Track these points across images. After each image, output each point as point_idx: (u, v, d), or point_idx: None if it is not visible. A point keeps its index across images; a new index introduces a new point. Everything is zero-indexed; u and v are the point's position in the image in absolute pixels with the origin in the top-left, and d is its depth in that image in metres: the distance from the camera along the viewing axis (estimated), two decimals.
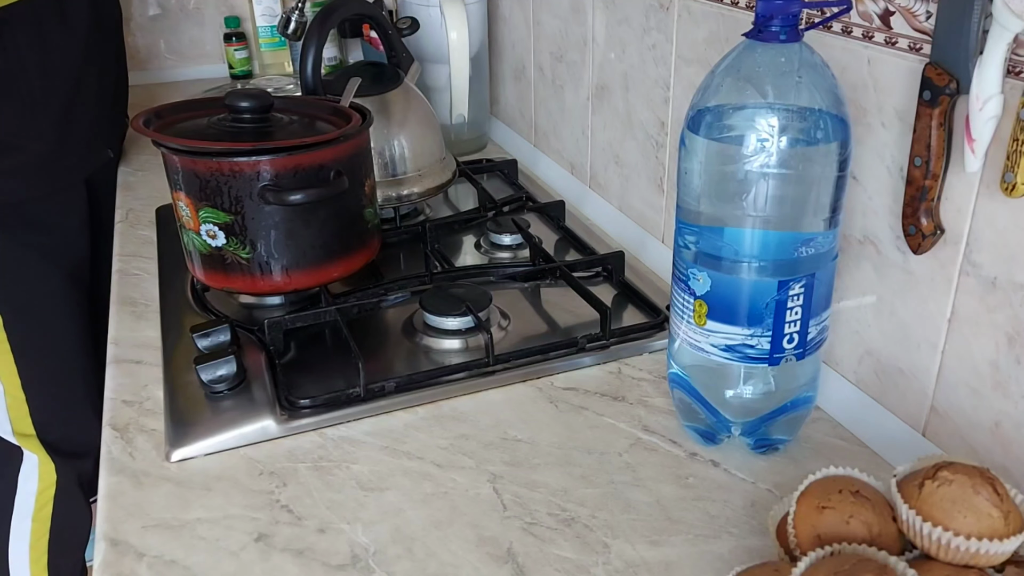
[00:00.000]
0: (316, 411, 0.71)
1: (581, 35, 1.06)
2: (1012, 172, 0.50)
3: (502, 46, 1.35)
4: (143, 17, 1.74)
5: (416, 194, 1.02)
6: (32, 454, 1.27)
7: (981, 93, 0.52)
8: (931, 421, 0.63)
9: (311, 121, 0.86)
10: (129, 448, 0.68)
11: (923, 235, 0.58)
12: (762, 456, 0.66)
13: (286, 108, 0.87)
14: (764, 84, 0.56)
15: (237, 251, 0.79)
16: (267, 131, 0.81)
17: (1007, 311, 0.55)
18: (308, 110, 0.88)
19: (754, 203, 0.57)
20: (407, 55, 1.07)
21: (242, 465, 0.66)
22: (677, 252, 0.63)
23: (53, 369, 1.24)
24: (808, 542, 0.49)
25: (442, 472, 0.65)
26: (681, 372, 0.66)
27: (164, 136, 0.78)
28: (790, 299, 0.59)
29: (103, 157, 1.26)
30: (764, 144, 0.55)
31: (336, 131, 0.80)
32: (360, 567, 0.57)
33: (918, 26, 0.58)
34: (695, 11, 0.83)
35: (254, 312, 0.87)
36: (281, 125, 0.82)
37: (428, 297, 0.83)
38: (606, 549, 0.58)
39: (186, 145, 0.77)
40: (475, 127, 1.34)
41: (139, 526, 0.60)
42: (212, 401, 0.72)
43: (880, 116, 0.62)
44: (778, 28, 0.56)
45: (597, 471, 0.65)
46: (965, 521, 0.45)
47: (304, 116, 0.86)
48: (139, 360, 0.80)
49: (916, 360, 0.63)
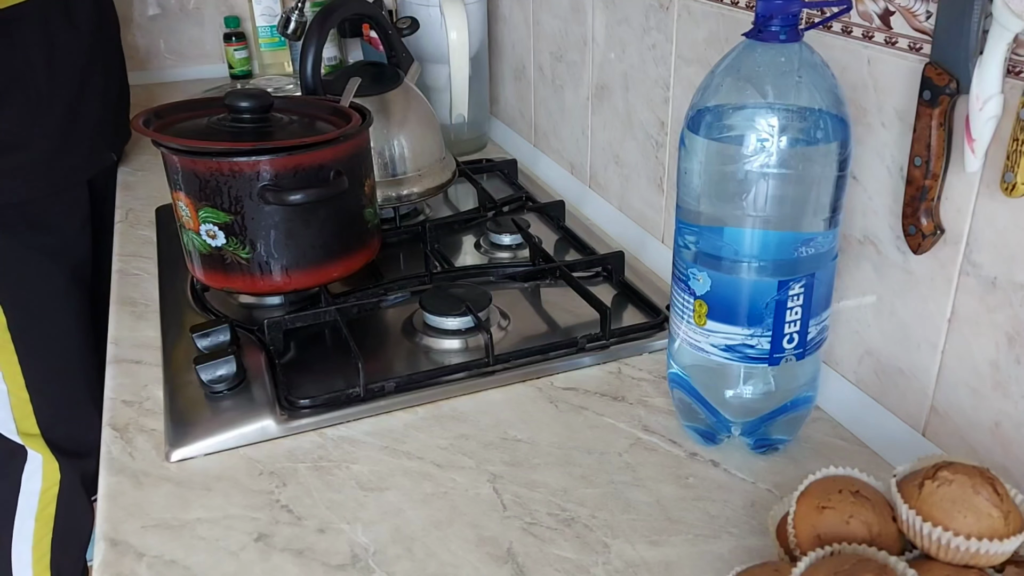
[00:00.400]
0: (316, 411, 0.71)
1: (581, 35, 1.06)
2: (1012, 172, 0.50)
3: (502, 46, 1.35)
4: (143, 17, 1.74)
5: (416, 194, 1.02)
6: (36, 453, 1.27)
7: (981, 93, 0.52)
8: (931, 421, 0.63)
9: (311, 121, 0.86)
10: (129, 448, 0.68)
11: (923, 235, 0.58)
12: (762, 456, 0.66)
13: (286, 108, 0.87)
14: (764, 84, 0.56)
15: (237, 251, 0.79)
16: (267, 131, 0.81)
17: (1007, 311, 0.55)
18: (308, 110, 0.88)
19: (754, 203, 0.57)
20: (407, 55, 1.07)
21: (242, 465, 0.66)
22: (677, 252, 0.63)
23: (57, 368, 1.24)
24: (808, 542, 0.49)
25: (442, 472, 0.65)
26: (681, 372, 0.66)
27: (164, 136, 0.78)
28: (790, 299, 0.59)
29: (106, 160, 1.26)
30: (764, 144, 0.55)
31: (336, 131, 0.80)
32: (360, 567, 0.57)
33: (918, 26, 0.58)
34: (695, 11, 0.83)
35: (254, 312, 0.87)
36: (281, 125, 0.82)
37: (428, 297, 0.83)
38: (606, 549, 0.58)
39: (186, 145, 0.77)
40: (475, 127, 1.34)
41: (139, 526, 0.60)
42: (212, 401, 0.72)
43: (880, 116, 0.62)
44: (778, 28, 0.56)
45: (597, 471, 0.65)
46: (965, 521, 0.45)
47: (304, 116, 0.86)
48: (139, 360, 0.80)
49: (916, 360, 0.63)
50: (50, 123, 1.13)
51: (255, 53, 1.77)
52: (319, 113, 0.87)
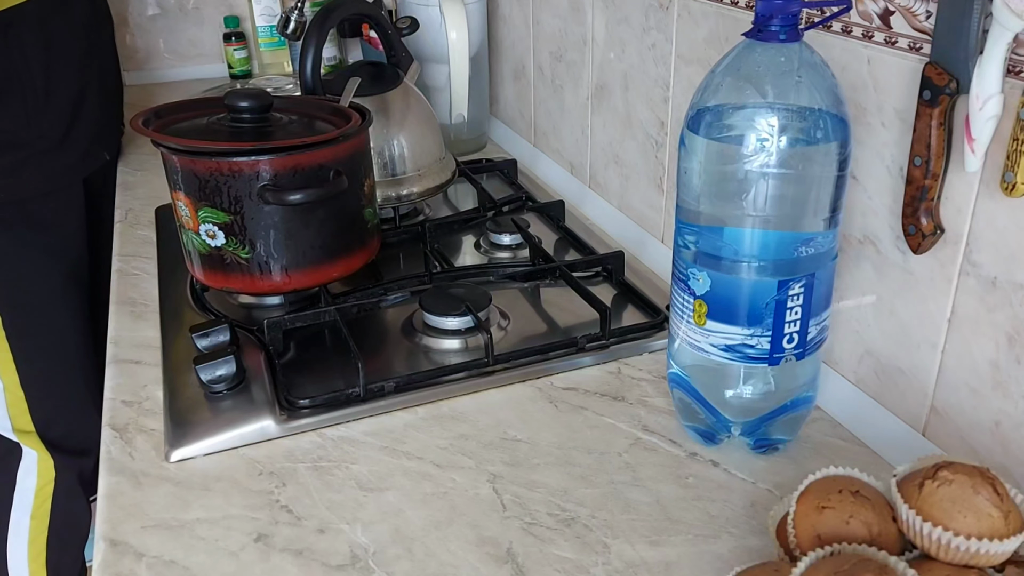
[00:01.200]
0: (315, 411, 0.70)
1: (581, 35, 1.06)
2: (1012, 172, 0.50)
3: (502, 46, 1.35)
4: (142, 17, 1.74)
5: (416, 194, 1.02)
6: (31, 450, 1.27)
7: (981, 93, 0.52)
8: (931, 421, 0.63)
9: (310, 121, 0.86)
10: (128, 448, 0.68)
11: (923, 235, 0.58)
12: (762, 456, 0.66)
13: (285, 108, 0.87)
14: (764, 84, 0.56)
15: (236, 251, 0.79)
16: (266, 131, 0.81)
17: (1007, 311, 0.55)
18: (307, 110, 0.88)
19: (754, 203, 0.57)
20: (407, 55, 1.07)
21: (241, 465, 0.66)
22: (677, 252, 0.63)
23: (53, 367, 1.24)
24: (808, 542, 0.49)
25: (442, 472, 0.65)
26: (681, 372, 0.66)
27: (163, 136, 0.78)
28: (790, 299, 0.59)
29: (101, 159, 1.26)
30: (764, 144, 0.55)
31: (335, 131, 0.80)
32: (359, 567, 0.57)
33: (918, 25, 0.58)
34: (695, 11, 0.83)
35: (254, 312, 0.86)
36: (280, 125, 0.82)
37: (428, 297, 0.83)
38: (606, 549, 0.58)
39: (185, 145, 0.77)
40: (475, 127, 1.34)
41: (138, 526, 0.60)
42: (211, 401, 0.72)
43: (880, 116, 0.62)
44: (778, 28, 0.56)
45: (597, 471, 0.65)
46: (965, 521, 0.45)
47: (303, 116, 0.86)
48: (138, 360, 0.80)
49: (916, 360, 0.63)
50: (47, 122, 1.14)
51: (255, 53, 1.77)
52: (319, 113, 0.87)
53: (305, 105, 0.88)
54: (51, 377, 1.24)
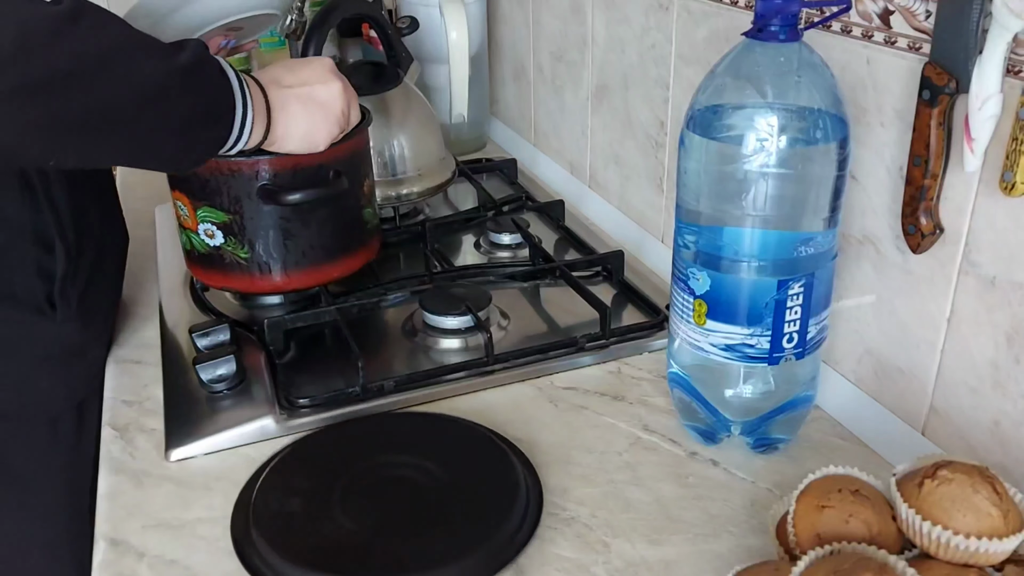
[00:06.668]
0: (315, 410, 0.71)
1: (581, 35, 1.06)
2: (1011, 171, 0.50)
3: (502, 46, 1.35)
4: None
5: (416, 194, 1.02)
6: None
7: (980, 92, 0.52)
8: (930, 420, 0.63)
9: None
10: (129, 448, 0.68)
11: (922, 234, 0.58)
12: (762, 455, 0.66)
13: None
14: (763, 84, 0.56)
15: (236, 251, 0.79)
16: None
17: (1006, 310, 0.55)
18: None
19: (753, 203, 0.57)
20: (407, 55, 1.07)
21: (242, 464, 0.66)
22: (677, 252, 0.63)
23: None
24: (808, 541, 0.49)
25: None
26: (681, 372, 0.66)
27: None
28: (789, 298, 0.59)
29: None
30: (763, 144, 0.55)
31: None
32: None
33: (917, 25, 0.58)
34: (695, 11, 0.83)
35: (254, 312, 0.86)
36: None
37: (428, 297, 0.83)
38: (606, 548, 0.58)
39: None
40: (475, 127, 1.34)
41: (139, 526, 0.60)
42: (212, 401, 0.72)
43: (879, 116, 0.62)
44: (777, 28, 0.56)
45: (597, 470, 0.65)
46: (964, 520, 0.45)
47: None
48: (139, 360, 0.80)
49: (915, 359, 0.63)
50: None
51: (255, 53, 1.76)
52: None
53: None
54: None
